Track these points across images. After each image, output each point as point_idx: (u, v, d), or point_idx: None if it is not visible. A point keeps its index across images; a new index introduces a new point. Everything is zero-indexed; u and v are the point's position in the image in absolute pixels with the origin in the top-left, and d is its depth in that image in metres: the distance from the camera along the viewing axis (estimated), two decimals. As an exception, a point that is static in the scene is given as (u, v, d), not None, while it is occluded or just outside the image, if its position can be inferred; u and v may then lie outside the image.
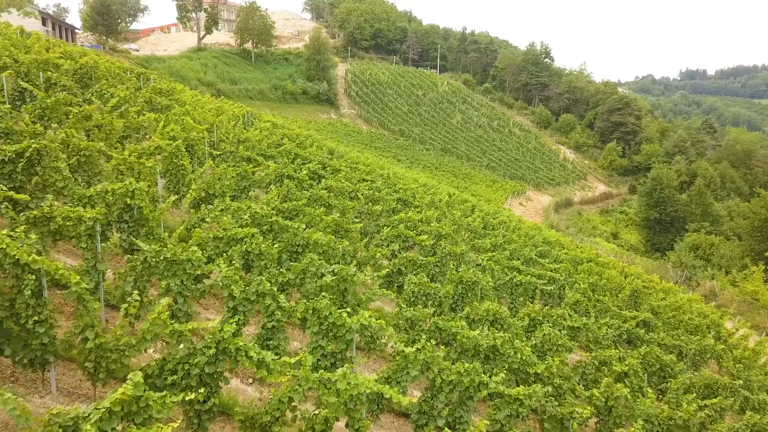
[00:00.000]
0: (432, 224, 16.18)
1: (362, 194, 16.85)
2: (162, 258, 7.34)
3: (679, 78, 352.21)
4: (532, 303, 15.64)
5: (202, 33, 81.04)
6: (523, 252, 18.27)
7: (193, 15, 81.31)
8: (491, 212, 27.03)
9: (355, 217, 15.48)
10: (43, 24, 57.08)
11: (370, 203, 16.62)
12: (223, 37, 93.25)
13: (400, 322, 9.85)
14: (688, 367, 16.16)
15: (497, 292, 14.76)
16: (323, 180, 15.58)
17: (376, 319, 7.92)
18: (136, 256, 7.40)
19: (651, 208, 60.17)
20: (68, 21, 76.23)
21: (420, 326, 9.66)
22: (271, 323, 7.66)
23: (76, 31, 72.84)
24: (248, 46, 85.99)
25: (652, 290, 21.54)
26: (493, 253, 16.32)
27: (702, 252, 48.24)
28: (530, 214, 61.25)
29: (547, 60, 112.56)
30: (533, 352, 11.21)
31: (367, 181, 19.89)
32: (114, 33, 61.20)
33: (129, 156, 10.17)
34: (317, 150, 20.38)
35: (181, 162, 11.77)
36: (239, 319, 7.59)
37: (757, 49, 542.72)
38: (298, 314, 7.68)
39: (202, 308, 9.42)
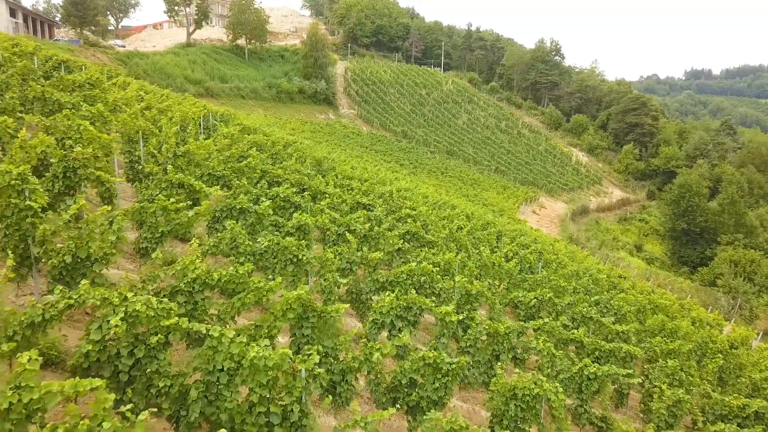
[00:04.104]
0: (457, 278, 11.02)
1: (354, 234, 11.73)
2: None
3: (684, 78, 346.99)
4: (598, 393, 10.50)
5: (192, 28, 76.01)
6: (580, 308, 13.12)
7: (183, 9, 76.32)
8: (520, 237, 21.86)
9: (343, 269, 10.36)
10: (12, 16, 52.01)
11: (364, 247, 11.49)
12: (216, 32, 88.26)
13: None
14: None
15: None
16: (296, 214, 10.45)
17: None
18: None
19: (678, 218, 54.93)
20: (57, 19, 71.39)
21: None
22: None
23: (62, 26, 67.88)
24: (241, 42, 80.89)
25: (740, 349, 16.38)
26: (545, 322, 11.16)
27: (741, 270, 43.06)
28: (545, 223, 56.13)
29: (557, 58, 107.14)
30: None
31: (362, 206, 14.75)
32: (90, 25, 55.99)
33: None
34: (296, 164, 15.23)
35: (27, 203, 6.64)
36: None
37: (762, 49, 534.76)
38: None
39: None
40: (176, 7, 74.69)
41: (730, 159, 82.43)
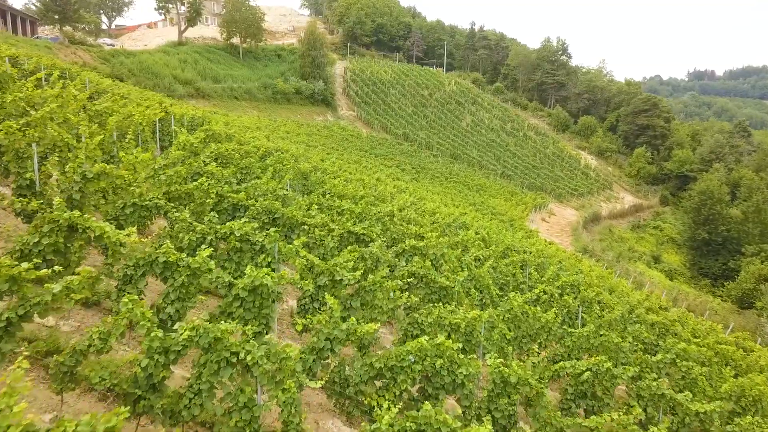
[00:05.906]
0: (488, 358, 7.62)
1: (340, 286, 8.34)
2: None
3: (687, 79, 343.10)
4: None
5: (183, 26, 72.67)
6: (648, 383, 9.70)
7: (176, 6, 72.96)
8: (549, 268, 18.46)
9: (320, 350, 6.95)
10: (-13, 11, 48.80)
11: (355, 303, 8.10)
12: (209, 31, 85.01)
13: None
14: None
15: None
16: (249, 268, 7.04)
17: None
18: None
19: (698, 227, 51.42)
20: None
21: None
22: None
23: (46, 24, 64.49)
24: (236, 41, 77.55)
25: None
26: (613, 419, 7.73)
27: (772, 285, 39.53)
28: (555, 231, 52.71)
29: (563, 57, 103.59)
30: None
31: (354, 237, 11.34)
32: (72, 22, 52.61)
33: None
34: (270, 181, 11.83)
35: None
36: None
37: (765, 50, 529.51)
38: None
39: None
40: (168, 4, 71.38)
41: (746, 162, 78.90)
